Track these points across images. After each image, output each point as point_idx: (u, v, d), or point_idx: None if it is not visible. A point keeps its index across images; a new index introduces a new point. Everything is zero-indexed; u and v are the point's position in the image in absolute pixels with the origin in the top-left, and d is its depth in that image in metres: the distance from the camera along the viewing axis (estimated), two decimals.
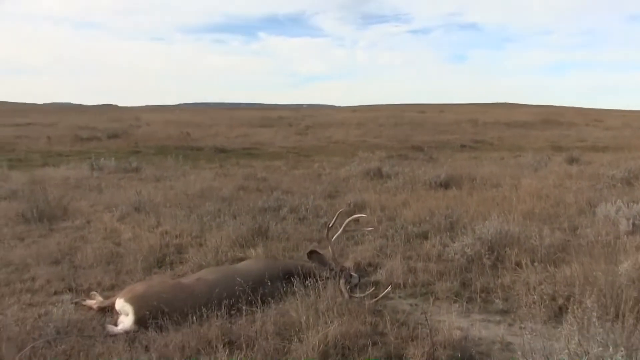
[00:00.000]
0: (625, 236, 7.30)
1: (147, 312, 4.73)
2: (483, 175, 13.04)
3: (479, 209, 9.08)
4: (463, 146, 25.98)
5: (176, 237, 8.09)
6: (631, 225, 7.54)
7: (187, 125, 38.59)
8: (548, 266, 5.94)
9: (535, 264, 5.90)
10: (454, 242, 6.93)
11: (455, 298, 5.55)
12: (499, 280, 5.89)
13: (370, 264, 6.74)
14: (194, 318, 4.73)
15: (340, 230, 6.24)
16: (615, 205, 8.25)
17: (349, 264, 6.52)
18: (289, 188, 12.42)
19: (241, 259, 6.91)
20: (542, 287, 5.25)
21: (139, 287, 5.09)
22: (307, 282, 5.20)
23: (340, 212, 6.55)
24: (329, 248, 6.03)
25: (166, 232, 8.33)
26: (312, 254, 6.09)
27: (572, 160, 17.07)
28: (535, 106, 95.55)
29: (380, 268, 6.51)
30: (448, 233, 7.68)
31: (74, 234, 8.50)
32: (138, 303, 4.84)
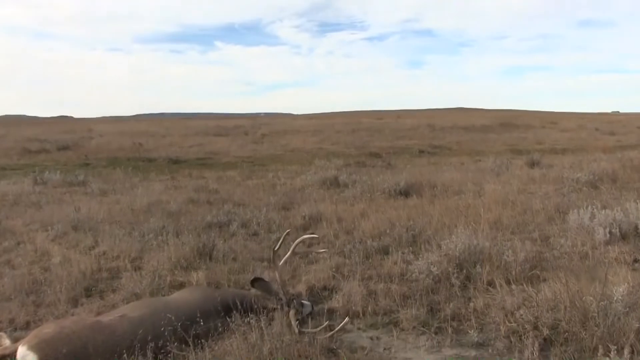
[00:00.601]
0: (601, 246, 6.78)
1: None
2: (444, 182, 12.49)
3: (442, 219, 8.47)
4: (422, 152, 25.54)
5: (113, 259, 7.36)
6: (608, 234, 6.95)
7: (141, 135, 37.72)
8: (525, 286, 5.29)
9: (511, 283, 5.28)
10: (418, 259, 6.25)
11: (422, 329, 4.82)
12: (471, 305, 5.18)
13: (325, 288, 6.01)
14: None
15: (289, 253, 5.47)
16: (588, 211, 7.66)
17: (300, 288, 5.84)
18: (241, 200, 11.77)
19: (181, 285, 6.20)
20: (521, 312, 4.56)
21: (47, 330, 4.22)
22: (248, 317, 4.47)
23: (287, 233, 5.74)
24: (276, 274, 5.27)
25: (103, 254, 7.60)
26: (256, 281, 5.24)
27: (533, 164, 16.62)
28: (491, 110, 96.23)
29: (336, 292, 5.78)
30: (411, 247, 7.09)
31: (1, 257, 7.69)
32: (44, 350, 3.97)
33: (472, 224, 7.68)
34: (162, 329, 4.35)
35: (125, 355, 4.06)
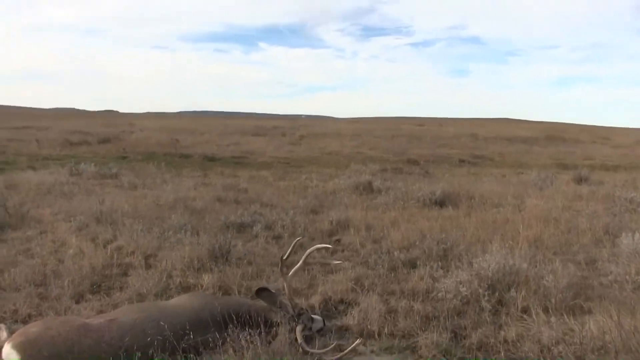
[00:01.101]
0: None
1: None
2: (483, 194, 11.84)
3: (477, 234, 7.92)
4: (462, 161, 24.83)
5: (128, 254, 7.08)
6: None
7: (180, 132, 37.70)
8: (566, 317, 4.64)
9: (549, 312, 4.67)
10: (447, 277, 5.71)
11: (443, 358, 4.26)
12: (502, 334, 4.55)
13: (342, 301, 5.50)
14: None
15: (300, 263, 4.94)
16: None
17: (315, 300, 5.37)
18: (269, 201, 11.37)
19: (190, 287, 5.88)
20: (560, 349, 3.95)
21: (33, 329, 3.92)
22: (249, 331, 4.01)
23: (298, 240, 5.29)
24: (284, 285, 4.78)
25: (119, 249, 7.34)
26: (261, 292, 4.74)
27: (580, 180, 15.72)
28: (537, 122, 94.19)
29: (353, 307, 5.24)
30: (440, 262, 6.49)
31: (21, 246, 7.60)
32: (27, 351, 3.71)
33: (509, 241, 7.11)
34: (151, 337, 3.96)
35: None
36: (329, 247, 5.87)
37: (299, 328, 4.43)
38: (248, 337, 3.96)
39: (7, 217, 8.87)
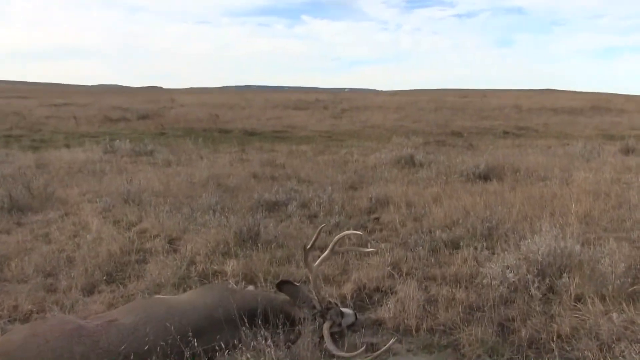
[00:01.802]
0: None
1: None
2: (528, 166, 11.34)
3: (523, 210, 7.46)
4: (506, 133, 24.10)
5: (152, 237, 6.77)
6: None
7: (221, 107, 37.48)
8: (625, 305, 4.19)
9: (606, 300, 4.23)
10: (492, 260, 5.28)
11: (490, 359, 3.82)
12: (555, 327, 4.11)
13: (377, 289, 5.09)
14: None
15: (328, 252, 4.50)
16: None
17: (347, 289, 4.98)
18: (307, 177, 11.03)
19: (213, 276, 5.53)
20: (622, 347, 3.51)
21: (15, 337, 3.47)
22: (269, 330, 3.64)
23: (322, 227, 4.87)
24: (310, 277, 4.36)
25: (143, 231, 7.06)
26: (283, 285, 4.28)
27: (628, 151, 15.01)
28: (582, 92, 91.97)
29: (389, 296, 4.84)
30: (485, 242, 6.12)
31: (41, 230, 7.27)
32: None
33: (558, 218, 6.65)
34: (155, 342, 3.54)
35: None
36: (358, 234, 5.43)
37: (326, 325, 4.03)
38: (264, 339, 3.57)
39: (30, 199, 8.55)
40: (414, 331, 4.26)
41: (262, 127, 25.83)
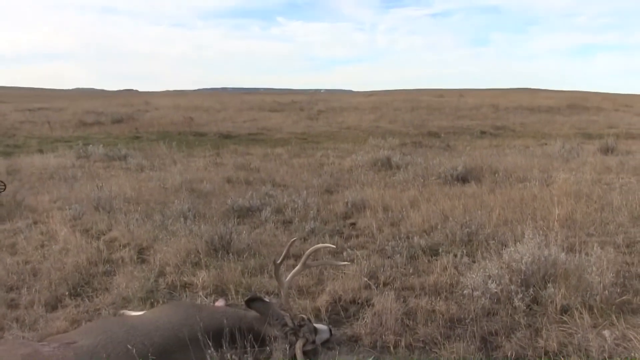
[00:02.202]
0: None
1: None
2: (507, 167, 11.19)
3: (504, 214, 7.28)
4: (483, 133, 24.05)
5: (121, 247, 6.50)
6: None
7: (196, 110, 37.13)
8: (614, 318, 3.98)
9: (594, 312, 4.03)
10: (472, 269, 5.07)
11: None
12: (541, 342, 3.87)
13: (354, 301, 4.84)
14: None
15: (299, 266, 4.26)
16: None
17: (322, 301, 4.72)
18: (282, 181, 10.83)
19: (183, 288, 5.27)
20: None
21: None
22: (237, 350, 3.39)
23: (293, 241, 4.61)
24: (281, 293, 4.12)
25: (113, 240, 6.84)
26: (252, 301, 4.01)
27: (607, 150, 14.95)
28: (559, 91, 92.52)
29: (366, 308, 4.60)
30: (465, 249, 5.92)
31: (8, 240, 7.04)
32: None
33: (539, 222, 6.48)
34: None
35: None
36: (333, 247, 5.13)
37: (299, 344, 3.76)
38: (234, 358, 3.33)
39: None
40: (392, 348, 4.00)
41: (238, 129, 25.58)
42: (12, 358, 3.15)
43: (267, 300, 4.10)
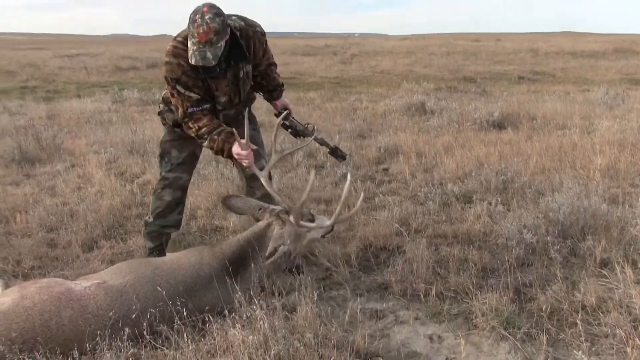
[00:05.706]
0: None
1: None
2: (545, 114, 10.81)
3: (541, 162, 7.05)
4: (521, 78, 23.44)
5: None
6: None
7: None
8: None
9: (638, 268, 3.83)
10: (507, 217, 4.93)
11: (503, 332, 3.37)
12: (578, 297, 3.67)
13: (384, 247, 4.74)
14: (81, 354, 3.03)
15: (274, 155, 4.49)
16: None
17: (352, 247, 4.64)
18: (315, 125, 10.63)
19: (214, 231, 5.25)
20: None
21: (5, 299, 3.22)
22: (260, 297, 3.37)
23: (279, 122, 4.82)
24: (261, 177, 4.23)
25: (146, 184, 6.88)
26: (228, 200, 4.33)
27: None
28: (605, 34, 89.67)
29: (398, 254, 4.49)
30: (499, 197, 5.75)
31: (48, 182, 7.28)
32: None
33: (579, 170, 6.26)
34: (145, 305, 3.34)
35: (99, 339, 3.11)
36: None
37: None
38: (257, 310, 3.22)
39: (40, 151, 8.59)
40: (422, 296, 3.87)
41: None
42: (47, 295, 3.23)
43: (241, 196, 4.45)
